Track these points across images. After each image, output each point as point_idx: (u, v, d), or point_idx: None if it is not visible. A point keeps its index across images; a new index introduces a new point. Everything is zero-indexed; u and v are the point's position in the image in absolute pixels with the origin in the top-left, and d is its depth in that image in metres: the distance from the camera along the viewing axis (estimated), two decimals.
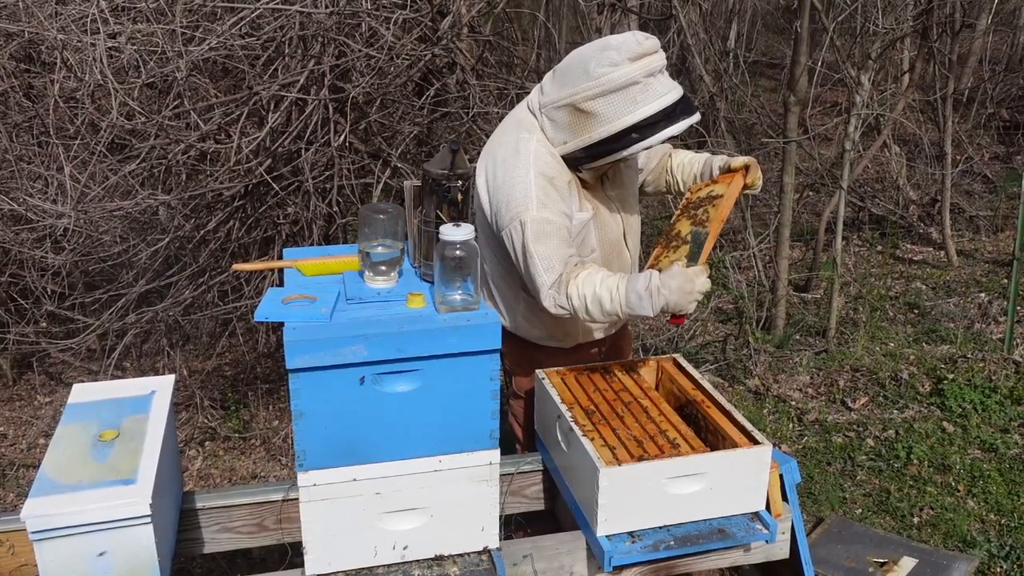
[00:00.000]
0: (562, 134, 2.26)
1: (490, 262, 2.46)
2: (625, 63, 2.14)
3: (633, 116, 2.15)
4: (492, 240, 2.39)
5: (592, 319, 2.23)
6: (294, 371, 1.81)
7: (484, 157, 2.39)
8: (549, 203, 2.23)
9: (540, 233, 2.20)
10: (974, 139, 8.10)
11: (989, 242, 6.62)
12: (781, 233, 5.07)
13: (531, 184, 2.23)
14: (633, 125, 2.16)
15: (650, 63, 2.16)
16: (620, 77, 2.14)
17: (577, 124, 2.22)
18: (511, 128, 2.36)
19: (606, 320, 2.26)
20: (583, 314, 2.20)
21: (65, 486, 1.82)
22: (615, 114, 2.16)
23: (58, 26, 3.21)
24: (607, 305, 2.16)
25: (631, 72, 2.14)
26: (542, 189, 2.23)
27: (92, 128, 3.43)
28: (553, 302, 2.21)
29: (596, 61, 2.16)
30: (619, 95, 2.15)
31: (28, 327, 4.03)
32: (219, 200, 3.60)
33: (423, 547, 2.03)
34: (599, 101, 2.17)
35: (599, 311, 2.18)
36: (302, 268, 2.15)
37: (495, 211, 2.30)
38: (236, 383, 4.39)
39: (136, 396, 2.17)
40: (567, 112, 2.22)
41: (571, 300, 2.19)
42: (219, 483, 3.84)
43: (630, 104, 2.15)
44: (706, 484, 2.12)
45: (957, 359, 4.68)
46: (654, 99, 2.16)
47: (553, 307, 2.22)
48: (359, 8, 3.28)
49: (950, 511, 3.54)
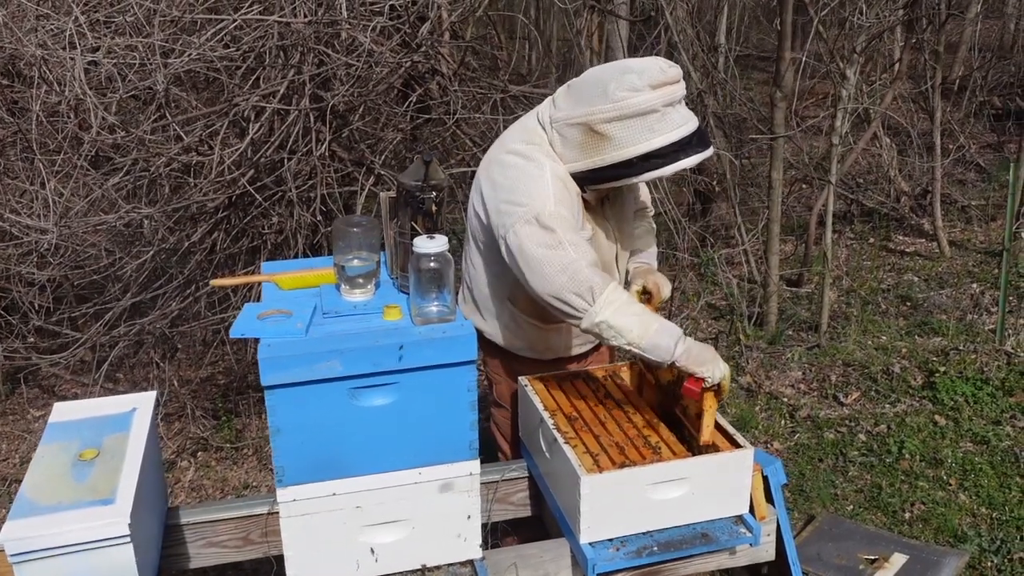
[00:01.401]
0: (572, 152, 2.19)
1: (478, 269, 2.43)
2: (646, 89, 2.08)
3: (648, 144, 2.10)
4: (484, 248, 2.36)
5: (606, 339, 2.15)
6: (270, 387, 1.81)
7: (487, 164, 2.32)
8: (565, 202, 2.18)
9: (557, 228, 2.11)
10: (966, 128, 8.09)
11: (981, 232, 6.61)
12: (771, 229, 5.06)
13: (548, 181, 2.17)
14: (647, 153, 2.11)
15: (671, 92, 2.11)
16: (639, 103, 2.08)
17: (589, 145, 2.16)
18: (518, 136, 2.30)
19: (618, 345, 2.16)
20: (607, 333, 2.12)
21: (44, 507, 1.82)
22: (630, 140, 2.11)
23: (37, 41, 3.20)
24: (629, 336, 2.10)
25: (651, 99, 2.08)
26: (559, 189, 2.18)
27: (75, 142, 3.43)
28: (589, 321, 2.12)
29: (616, 83, 2.10)
30: (636, 121, 2.09)
31: (17, 342, 4.03)
32: (203, 212, 3.59)
33: (405, 559, 2.03)
34: (615, 125, 2.11)
35: (617, 336, 2.12)
36: (280, 282, 2.14)
37: (497, 211, 2.21)
38: (227, 393, 4.39)
39: (117, 414, 2.17)
40: (580, 131, 2.16)
41: (602, 316, 2.10)
42: (211, 494, 3.84)
43: (646, 132, 2.10)
44: (689, 489, 2.12)
45: (949, 351, 4.68)
46: (671, 129, 2.10)
47: (556, 299, 2.13)
48: (337, 16, 3.28)
49: (941, 506, 3.54)
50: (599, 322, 2.10)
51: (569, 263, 2.10)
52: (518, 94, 4.14)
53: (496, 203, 2.22)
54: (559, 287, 2.10)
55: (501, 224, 2.19)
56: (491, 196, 2.25)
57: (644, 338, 2.09)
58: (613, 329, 2.10)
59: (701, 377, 2.09)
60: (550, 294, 2.12)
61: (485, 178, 2.30)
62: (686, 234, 4.98)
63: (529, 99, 4.31)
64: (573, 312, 2.12)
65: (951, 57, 9.44)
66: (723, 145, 6.04)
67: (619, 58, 6.51)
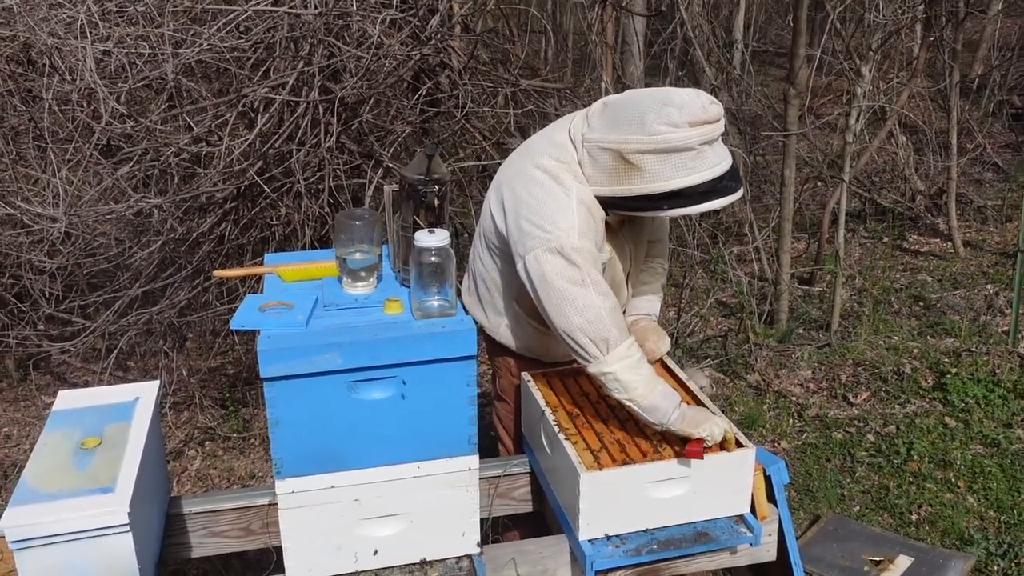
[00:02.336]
0: (600, 175, 2.13)
1: (487, 268, 2.40)
2: (684, 126, 2.02)
3: (680, 182, 2.05)
4: (496, 251, 2.33)
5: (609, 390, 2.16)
6: (269, 379, 1.81)
7: (513, 174, 2.27)
8: (589, 234, 2.14)
9: (582, 264, 2.10)
10: (984, 127, 8.01)
11: (997, 232, 6.55)
12: (783, 227, 5.03)
13: (574, 211, 2.12)
14: (676, 191, 2.07)
15: (710, 132, 2.04)
16: (676, 140, 2.02)
17: (619, 172, 2.10)
18: (548, 150, 2.22)
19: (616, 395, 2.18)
20: (611, 384, 2.13)
21: (45, 495, 1.83)
22: (662, 175, 2.05)
23: (49, 30, 3.22)
24: (632, 393, 2.12)
25: (689, 137, 2.02)
26: (584, 220, 2.14)
27: (87, 131, 3.44)
28: (598, 368, 2.13)
29: (655, 115, 2.03)
30: (670, 157, 2.04)
31: (28, 329, 4.06)
32: (212, 202, 3.60)
33: (404, 553, 2.03)
34: (648, 157, 2.05)
35: (620, 390, 2.14)
36: (282, 274, 2.15)
37: (519, 229, 2.16)
38: (236, 383, 4.41)
39: (119, 403, 2.18)
40: (611, 156, 2.10)
41: (610, 371, 2.12)
42: (217, 483, 3.86)
43: (679, 169, 2.04)
44: (689, 488, 2.11)
45: (961, 353, 4.64)
46: (704, 169, 2.05)
47: (570, 337, 2.13)
48: (347, 8, 3.27)
49: (949, 508, 3.51)
50: (607, 372, 2.11)
51: (590, 306, 2.08)
52: (529, 88, 4.13)
53: (518, 219, 2.18)
54: (575, 328, 2.10)
55: (522, 243, 2.16)
56: (512, 209, 2.20)
57: (646, 399, 2.11)
58: (619, 383, 2.11)
59: (700, 438, 2.07)
60: (565, 331, 2.11)
61: (508, 188, 2.24)
62: (697, 231, 4.96)
63: (540, 93, 4.30)
64: (583, 354, 2.12)
65: (971, 55, 9.34)
66: (737, 142, 6.01)
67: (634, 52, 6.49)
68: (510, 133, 3.93)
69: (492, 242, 2.34)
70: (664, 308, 5.40)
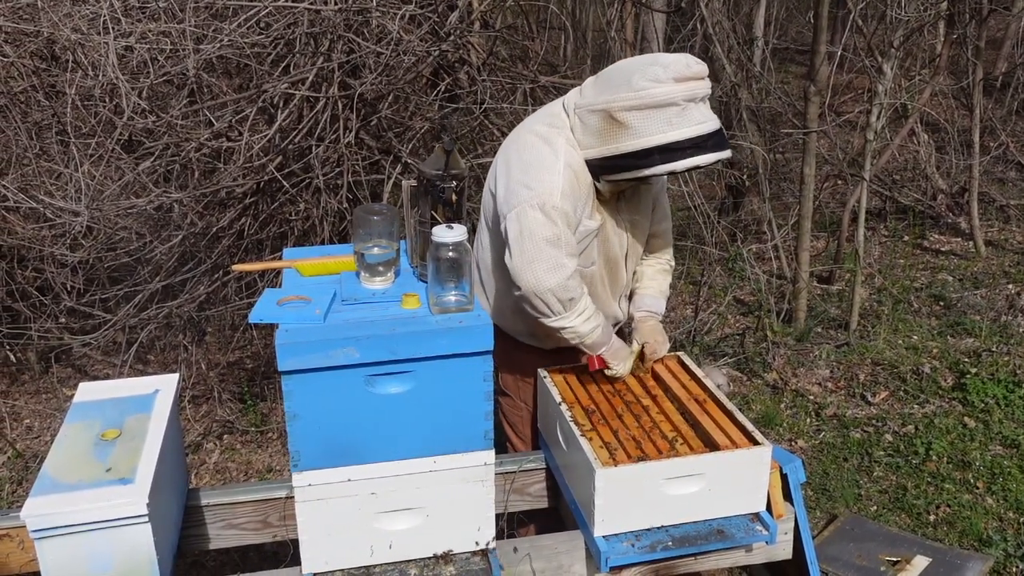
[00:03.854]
0: (590, 138, 2.22)
1: (487, 250, 2.46)
2: (669, 82, 2.09)
3: (664, 136, 2.11)
4: (495, 228, 2.38)
5: (551, 321, 2.28)
6: (287, 373, 1.82)
7: (507, 141, 2.38)
8: (570, 196, 2.22)
9: (559, 223, 2.19)
10: (1008, 125, 7.92)
11: (1019, 232, 6.48)
12: (802, 225, 5.00)
13: (559, 172, 2.20)
14: (662, 145, 2.12)
15: (694, 88, 2.11)
16: (661, 94, 2.09)
17: (607, 132, 2.18)
18: (543, 119, 2.33)
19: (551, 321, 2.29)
20: (568, 333, 2.30)
21: (65, 485, 1.86)
22: (647, 130, 2.12)
23: (72, 26, 3.25)
24: (582, 339, 2.33)
25: (673, 92, 2.09)
26: (568, 182, 2.21)
27: (109, 126, 3.47)
28: (559, 322, 2.27)
29: (640, 74, 2.12)
30: (656, 112, 2.11)
31: (49, 322, 4.10)
32: (232, 197, 3.63)
33: (419, 547, 2.03)
34: (634, 113, 2.13)
35: (575, 338, 2.32)
36: (300, 268, 2.16)
37: (506, 188, 2.26)
38: (254, 377, 4.44)
39: (140, 395, 2.20)
40: (600, 117, 2.19)
41: (569, 313, 2.26)
42: (235, 476, 3.89)
43: (664, 124, 2.11)
44: (705, 485, 2.11)
45: (981, 353, 4.60)
46: (689, 125, 2.11)
47: (538, 297, 2.21)
48: (367, 4, 3.28)
49: (967, 509, 3.48)
50: (567, 326, 2.27)
51: (561, 267, 2.18)
52: (548, 84, 4.13)
53: (507, 180, 2.27)
54: (546, 288, 2.19)
55: (506, 202, 2.25)
56: (504, 172, 2.30)
57: (590, 337, 2.32)
58: (576, 332, 2.30)
59: (605, 361, 2.36)
60: (534, 290, 2.20)
61: (503, 155, 2.35)
62: (715, 228, 4.94)
63: (559, 89, 4.28)
64: (545, 310, 2.23)
65: (994, 53, 9.24)
66: (756, 139, 5.98)
67: (654, 49, 6.47)
68: None
69: (490, 219, 2.41)
70: (682, 306, 5.41)
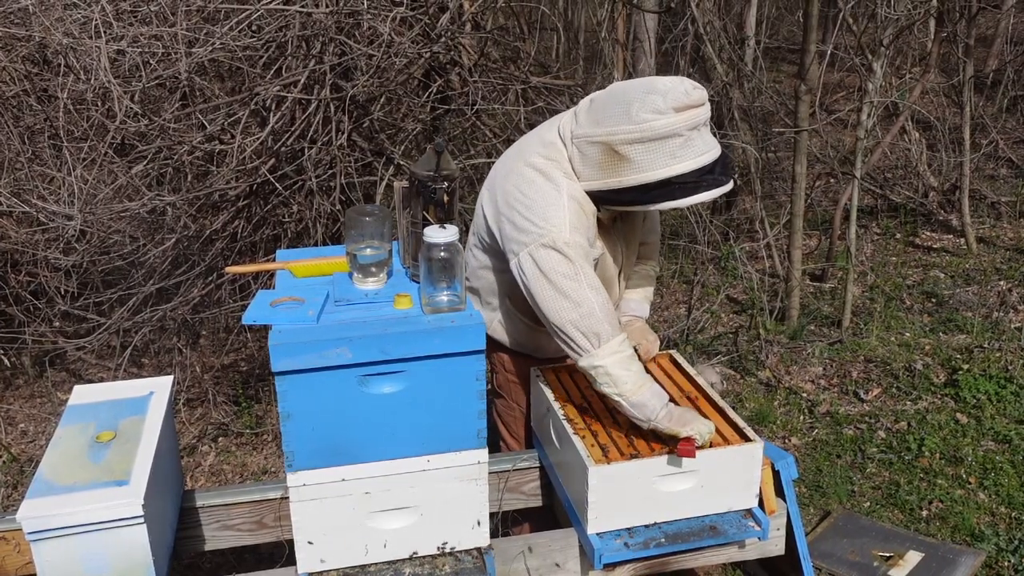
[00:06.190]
0: (590, 170, 2.15)
1: (479, 262, 2.43)
2: (670, 112, 2.03)
3: (669, 170, 2.06)
4: (488, 246, 2.36)
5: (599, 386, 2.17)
6: (280, 374, 1.83)
7: (506, 173, 2.28)
8: (580, 228, 2.16)
9: (575, 259, 2.11)
10: (998, 123, 7.95)
11: (1010, 228, 6.51)
12: (794, 223, 5.02)
13: (564, 207, 2.13)
14: (666, 180, 2.07)
15: (695, 116, 2.05)
16: (662, 127, 2.03)
17: (608, 165, 2.12)
18: (538, 150, 2.24)
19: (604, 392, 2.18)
20: (602, 378, 2.14)
21: (61, 487, 1.87)
22: (650, 165, 2.07)
23: (64, 30, 3.25)
24: (622, 387, 2.13)
25: (674, 123, 2.03)
26: (575, 214, 2.15)
27: (101, 130, 3.48)
28: (589, 362, 2.14)
29: (639, 104, 2.05)
30: (658, 145, 2.05)
31: (43, 325, 4.10)
32: (224, 200, 3.64)
33: (414, 545, 2.05)
34: (637, 147, 2.07)
35: (610, 384, 2.14)
36: (293, 270, 2.17)
37: (513, 225, 2.18)
38: (248, 379, 4.44)
39: (134, 398, 2.21)
40: (600, 150, 2.12)
41: (601, 366, 2.13)
42: (231, 479, 3.90)
43: (668, 158, 2.06)
44: (697, 482, 2.12)
45: (973, 349, 4.62)
46: (693, 157, 2.06)
47: (562, 332, 2.14)
48: (358, 7, 3.29)
49: (960, 504, 3.50)
50: (598, 366, 2.12)
51: (582, 301, 2.10)
52: (539, 85, 4.14)
53: (511, 217, 2.19)
54: (567, 322, 2.11)
55: (515, 241, 2.17)
56: (505, 207, 2.22)
57: (635, 394, 2.12)
58: (610, 377, 2.12)
59: (689, 437, 2.08)
60: (557, 325, 2.13)
61: (500, 188, 2.26)
62: (708, 227, 4.96)
63: (550, 90, 4.31)
64: (574, 348, 2.14)
65: (985, 50, 9.28)
66: (748, 138, 6.00)
67: (646, 49, 6.49)
68: (520, 130, 3.94)
69: (484, 240, 2.37)
70: (675, 304, 5.43)
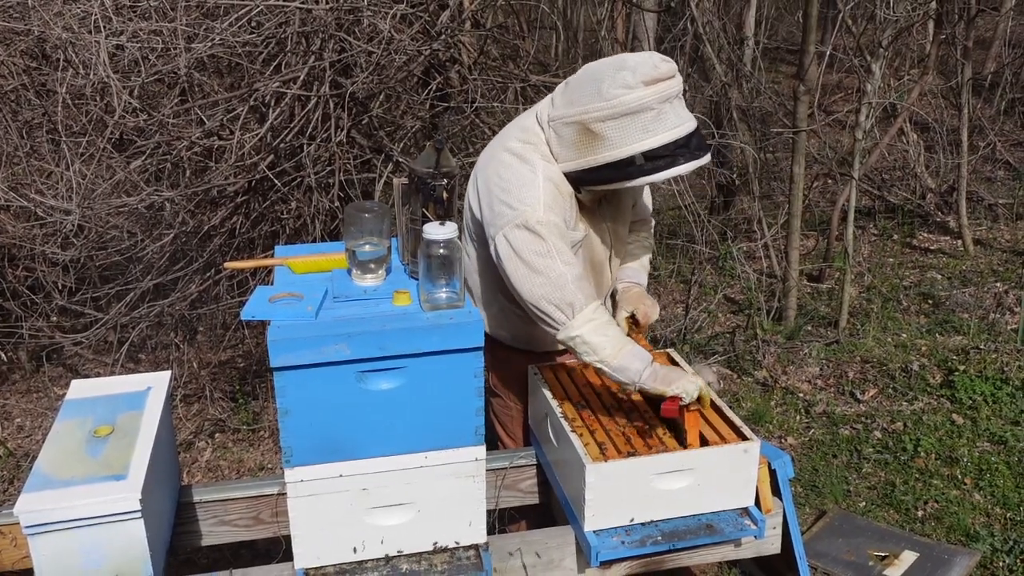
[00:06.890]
0: (567, 151, 2.18)
1: (471, 258, 2.44)
2: (639, 87, 2.05)
3: (642, 144, 2.08)
4: (476, 239, 2.37)
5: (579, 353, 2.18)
6: (279, 369, 1.83)
7: (485, 161, 2.33)
8: (555, 208, 2.18)
9: (547, 236, 2.13)
10: (996, 125, 7.97)
11: (1007, 230, 6.53)
12: (792, 223, 5.03)
13: (539, 187, 2.17)
14: (641, 154, 2.09)
15: (665, 88, 2.06)
16: (632, 101, 2.05)
17: (583, 144, 2.14)
18: (516, 135, 2.29)
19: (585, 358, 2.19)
20: (580, 348, 2.14)
21: (58, 481, 1.87)
22: (624, 140, 2.09)
23: (63, 24, 3.25)
24: (601, 354, 2.13)
25: (644, 97, 2.05)
26: (550, 194, 2.18)
27: (100, 125, 3.48)
28: (565, 334, 2.14)
29: (609, 81, 2.08)
30: (631, 120, 2.07)
31: (41, 320, 4.10)
32: (223, 196, 3.63)
33: (411, 542, 2.05)
34: (610, 124, 2.09)
35: (590, 352, 2.14)
36: (292, 266, 2.17)
37: (490, 210, 2.22)
38: (246, 375, 4.44)
39: (132, 392, 2.21)
40: (575, 130, 2.15)
41: (578, 333, 2.13)
42: (227, 475, 3.90)
43: (640, 132, 2.07)
44: (694, 480, 2.13)
45: (970, 350, 4.63)
46: (666, 129, 2.08)
47: (537, 308, 2.16)
48: (358, 3, 3.29)
49: (955, 504, 3.51)
50: (574, 336, 2.13)
51: (556, 276, 2.12)
52: (539, 83, 4.14)
53: (489, 201, 2.23)
54: (539, 296, 2.14)
55: (492, 224, 2.21)
56: (485, 193, 2.26)
57: (615, 358, 2.12)
58: (587, 345, 2.13)
59: (675, 396, 2.08)
60: (531, 301, 2.16)
61: (481, 175, 2.31)
62: (706, 227, 4.96)
63: (550, 88, 4.30)
64: (550, 322, 2.16)
65: (983, 52, 9.29)
66: (746, 138, 6.00)
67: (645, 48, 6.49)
68: None
69: (472, 231, 2.39)
70: (672, 304, 5.43)
